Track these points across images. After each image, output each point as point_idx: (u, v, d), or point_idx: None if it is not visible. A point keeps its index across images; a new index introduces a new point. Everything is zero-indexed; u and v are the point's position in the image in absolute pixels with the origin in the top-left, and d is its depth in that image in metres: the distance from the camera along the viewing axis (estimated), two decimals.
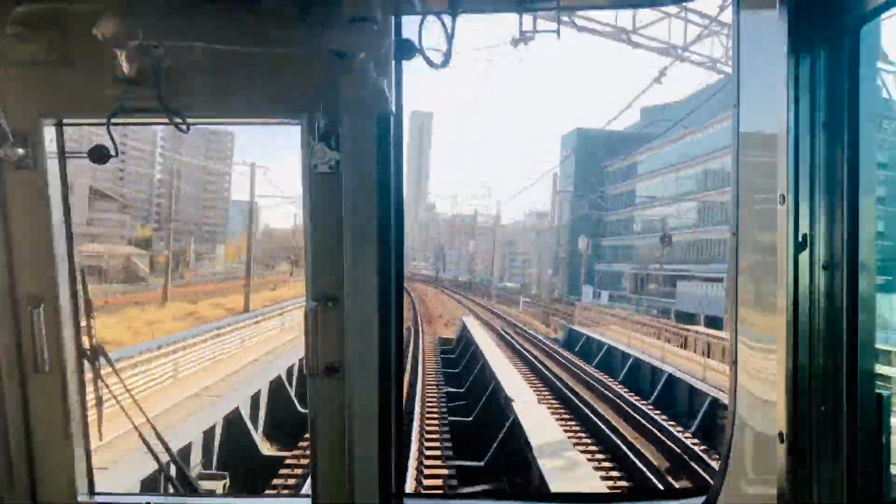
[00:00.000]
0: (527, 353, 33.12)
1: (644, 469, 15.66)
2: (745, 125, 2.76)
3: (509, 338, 38.66)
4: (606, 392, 24.67)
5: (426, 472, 15.50)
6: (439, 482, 15.01)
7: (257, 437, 17.86)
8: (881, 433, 2.29)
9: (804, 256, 2.45)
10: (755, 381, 2.75)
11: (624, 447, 17.37)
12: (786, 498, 2.46)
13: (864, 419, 2.39)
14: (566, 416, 20.93)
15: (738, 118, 2.77)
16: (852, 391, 2.41)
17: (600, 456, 17.13)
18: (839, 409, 2.43)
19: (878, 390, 2.33)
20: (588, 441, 18.48)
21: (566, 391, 24.31)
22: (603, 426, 19.44)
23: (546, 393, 24.28)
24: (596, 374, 28.47)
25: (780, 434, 2.48)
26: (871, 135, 2.43)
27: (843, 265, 2.42)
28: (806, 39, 2.42)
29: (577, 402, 22.59)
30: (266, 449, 17.88)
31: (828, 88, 2.43)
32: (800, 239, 2.45)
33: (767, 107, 2.57)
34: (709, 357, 28.11)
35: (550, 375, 27.39)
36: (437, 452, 17.16)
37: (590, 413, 20.96)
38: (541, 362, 30.74)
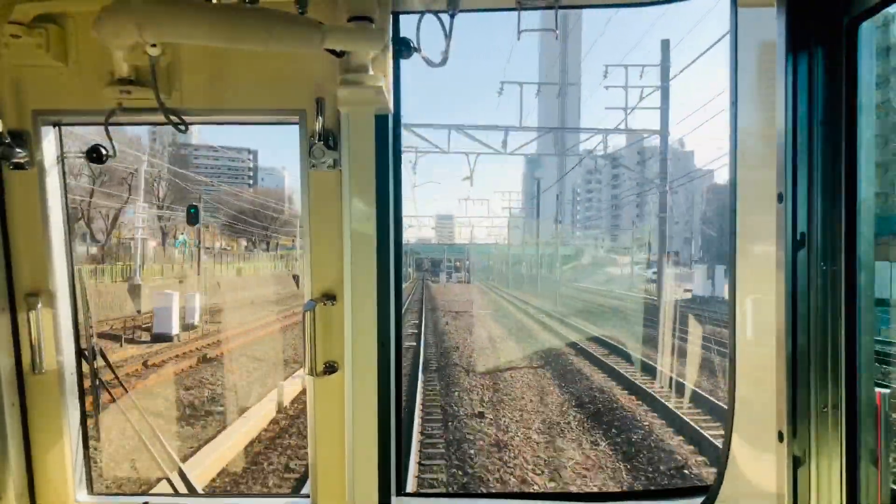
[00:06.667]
0: None
1: None
2: (742, 123, 2.76)
3: None
4: None
5: None
6: None
7: None
8: (881, 432, 2.28)
9: (802, 254, 2.45)
10: (754, 380, 2.75)
11: None
12: (785, 498, 2.46)
13: (863, 418, 2.39)
14: None
15: (736, 116, 2.77)
16: (852, 390, 2.41)
17: None
18: (839, 408, 2.42)
19: (877, 388, 2.33)
20: None
21: None
22: None
23: None
24: None
25: (780, 433, 2.48)
26: (868, 132, 2.43)
27: (842, 263, 2.42)
28: (803, 37, 2.42)
29: None
30: None
31: (825, 86, 2.43)
32: (798, 237, 2.45)
33: (765, 105, 2.56)
34: None
35: None
36: None
37: None
38: None
